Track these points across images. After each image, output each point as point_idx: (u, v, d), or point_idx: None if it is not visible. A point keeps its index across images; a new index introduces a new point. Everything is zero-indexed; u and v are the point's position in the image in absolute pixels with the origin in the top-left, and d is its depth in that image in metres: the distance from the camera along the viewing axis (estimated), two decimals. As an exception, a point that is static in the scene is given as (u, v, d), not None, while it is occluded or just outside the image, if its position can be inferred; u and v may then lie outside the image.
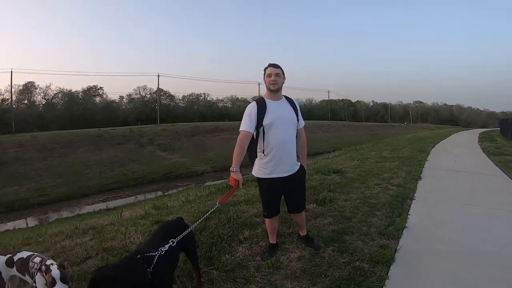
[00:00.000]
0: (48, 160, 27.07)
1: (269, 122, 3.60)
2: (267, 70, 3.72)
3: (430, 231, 4.97)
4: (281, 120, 3.66)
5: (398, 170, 9.86)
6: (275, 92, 3.74)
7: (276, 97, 3.77)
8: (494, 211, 6.08)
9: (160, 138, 37.15)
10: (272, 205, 3.83)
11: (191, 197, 7.44)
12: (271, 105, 3.67)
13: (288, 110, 3.79)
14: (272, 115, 3.62)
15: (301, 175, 3.91)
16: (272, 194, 3.80)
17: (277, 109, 3.69)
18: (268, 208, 3.87)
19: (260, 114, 3.60)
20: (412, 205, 6.28)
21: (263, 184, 3.81)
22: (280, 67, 3.75)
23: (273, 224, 4.03)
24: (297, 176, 3.83)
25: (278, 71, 3.70)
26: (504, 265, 3.88)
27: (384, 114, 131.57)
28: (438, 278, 3.56)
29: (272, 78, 3.67)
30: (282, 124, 3.66)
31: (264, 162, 3.72)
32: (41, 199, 20.76)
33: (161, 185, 24.67)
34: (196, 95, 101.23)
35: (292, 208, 4.03)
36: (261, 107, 3.63)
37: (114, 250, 4.19)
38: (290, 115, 3.77)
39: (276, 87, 3.70)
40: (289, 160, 3.76)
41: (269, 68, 3.71)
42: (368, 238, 4.53)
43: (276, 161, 3.67)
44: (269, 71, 3.70)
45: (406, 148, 17.29)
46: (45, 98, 75.74)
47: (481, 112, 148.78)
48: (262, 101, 3.70)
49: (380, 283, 3.39)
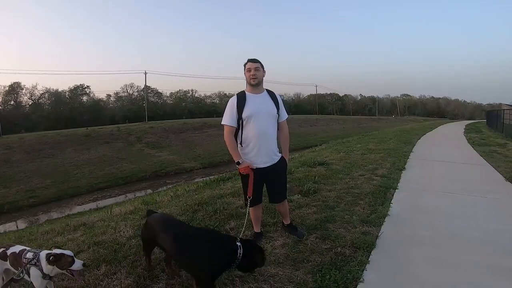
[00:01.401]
0: (36, 161, 26.84)
1: (248, 115, 3.70)
2: (246, 65, 3.82)
3: (412, 219, 5.13)
4: (259, 113, 3.76)
5: (383, 161, 10.04)
6: (255, 86, 3.83)
7: (256, 91, 3.86)
8: (477, 198, 6.26)
9: (148, 136, 36.95)
10: (254, 194, 3.85)
11: (179, 192, 7.55)
12: (250, 98, 3.77)
13: (267, 103, 3.88)
14: (251, 108, 3.72)
15: (281, 167, 4.00)
16: (255, 184, 3.82)
17: (256, 102, 3.78)
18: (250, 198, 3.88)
19: (240, 107, 3.70)
20: (395, 194, 6.45)
21: (244, 174, 3.85)
22: (259, 61, 3.86)
23: (256, 213, 4.16)
24: (277, 168, 3.93)
25: (257, 65, 3.80)
26: (485, 249, 4.04)
27: (372, 108, 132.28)
28: (418, 262, 3.71)
29: (252, 72, 3.77)
30: (260, 116, 3.76)
31: (244, 154, 3.82)
32: (30, 201, 20.57)
33: (150, 183, 24.61)
34: (183, 92, 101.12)
35: (273, 198, 4.13)
36: (240, 100, 3.74)
37: (105, 244, 4.29)
38: (269, 108, 3.86)
39: (256, 81, 3.79)
40: (268, 152, 3.85)
41: (248, 63, 3.82)
42: (351, 225, 4.68)
43: (255, 152, 3.79)
44: (249, 66, 3.80)
45: (392, 140, 17.50)
46: (31, 98, 75.07)
47: (468, 104, 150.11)
48: (242, 94, 3.81)
49: (360, 267, 3.52)
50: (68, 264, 2.72)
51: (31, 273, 2.75)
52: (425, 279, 3.35)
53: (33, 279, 2.75)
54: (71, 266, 2.73)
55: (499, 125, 24.97)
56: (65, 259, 2.72)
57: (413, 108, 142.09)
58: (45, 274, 2.75)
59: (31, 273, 2.75)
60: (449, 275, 3.42)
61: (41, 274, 2.74)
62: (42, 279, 2.75)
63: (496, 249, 4.03)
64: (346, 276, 3.30)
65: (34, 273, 2.74)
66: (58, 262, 2.72)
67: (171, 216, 4.02)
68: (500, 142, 16.58)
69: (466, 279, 3.34)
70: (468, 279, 3.35)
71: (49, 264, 2.71)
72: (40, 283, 2.75)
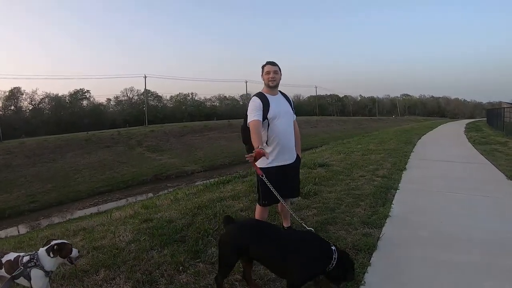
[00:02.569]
0: (37, 166, 26.87)
1: (273, 115, 3.84)
2: (265, 67, 3.95)
3: (413, 219, 5.10)
4: (282, 113, 3.93)
5: (383, 162, 10.02)
6: (273, 88, 3.98)
7: (274, 92, 4.01)
8: (478, 198, 6.23)
9: (149, 139, 36.96)
10: (273, 193, 3.81)
11: (179, 196, 7.52)
12: (272, 100, 3.90)
13: (285, 104, 4.08)
14: (275, 109, 3.87)
15: (298, 163, 4.20)
16: (273, 182, 3.80)
17: (277, 103, 3.94)
18: (268, 197, 3.91)
19: (265, 108, 3.80)
20: (396, 194, 6.43)
21: (265, 173, 3.77)
22: (277, 64, 4.00)
23: (264, 214, 4.20)
24: (297, 164, 4.12)
25: (276, 68, 3.95)
26: (485, 249, 4.02)
27: (372, 108, 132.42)
28: (420, 263, 3.68)
29: (271, 75, 3.91)
30: (283, 117, 3.94)
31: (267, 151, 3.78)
32: (31, 206, 20.57)
33: (151, 187, 24.62)
34: (183, 95, 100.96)
35: (291, 194, 4.22)
36: (264, 101, 3.83)
37: (104, 248, 4.26)
38: (288, 109, 4.08)
39: (274, 84, 3.95)
40: (290, 150, 4.04)
41: (267, 66, 3.95)
42: (351, 227, 4.66)
43: (279, 150, 3.91)
44: (268, 68, 3.93)
45: (393, 140, 17.52)
46: (31, 103, 75.09)
47: (468, 103, 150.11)
48: (263, 95, 3.89)
49: (362, 269, 3.49)
50: (70, 251, 2.89)
51: (33, 275, 2.74)
52: (426, 280, 3.32)
53: (34, 281, 2.74)
54: (71, 253, 2.90)
55: (499, 123, 24.95)
56: (67, 247, 2.90)
57: (413, 108, 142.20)
58: (47, 271, 2.79)
59: (33, 275, 2.74)
60: (450, 276, 3.39)
61: (44, 273, 2.77)
62: (44, 278, 2.78)
63: (497, 249, 4.00)
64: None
65: (36, 274, 2.74)
66: (62, 251, 2.85)
67: (257, 220, 3.92)
68: (501, 140, 16.58)
69: (467, 280, 3.32)
70: (469, 280, 3.33)
71: (53, 254, 2.80)
72: (43, 283, 2.78)
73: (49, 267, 2.80)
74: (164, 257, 3.84)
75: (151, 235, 4.56)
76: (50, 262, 2.80)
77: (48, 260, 2.79)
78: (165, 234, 4.51)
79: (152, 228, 4.82)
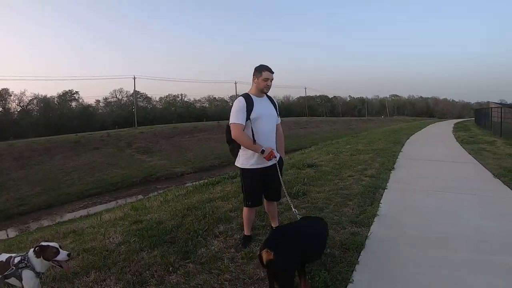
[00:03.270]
0: (26, 169, 26.64)
1: (255, 117, 3.86)
2: (264, 73, 3.91)
3: (401, 218, 5.15)
4: (265, 115, 3.96)
5: (372, 162, 10.08)
6: (263, 93, 4.03)
7: (260, 95, 4.04)
8: (466, 196, 6.30)
9: (138, 141, 36.83)
10: (257, 194, 4.08)
11: (169, 197, 7.55)
12: (257, 101, 3.93)
13: (270, 107, 4.11)
14: (258, 110, 3.90)
15: (281, 165, 4.17)
16: (257, 183, 4.03)
17: (261, 105, 3.98)
18: (252, 198, 4.08)
19: (249, 109, 3.84)
20: (384, 194, 6.48)
21: (248, 174, 4.02)
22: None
23: (251, 215, 4.25)
24: (276, 167, 4.07)
25: (273, 76, 3.98)
26: (472, 246, 4.08)
27: (361, 108, 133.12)
28: (407, 261, 3.73)
29: (269, 83, 3.95)
30: (265, 118, 3.96)
31: (249, 154, 3.93)
32: (20, 209, 20.39)
33: (141, 189, 24.51)
34: (173, 96, 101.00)
35: (272, 196, 4.25)
36: (248, 102, 3.87)
37: (94, 250, 4.28)
38: (272, 111, 4.11)
39: (268, 91, 4.03)
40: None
41: (267, 72, 3.92)
42: (340, 226, 4.70)
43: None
44: (267, 75, 3.92)
45: (381, 140, 17.60)
46: (20, 105, 74.37)
47: (457, 103, 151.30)
48: (248, 96, 3.93)
49: (350, 268, 3.53)
50: (53, 254, 2.85)
51: (24, 276, 2.77)
52: (414, 278, 3.37)
53: (25, 282, 2.78)
54: (56, 256, 2.86)
55: (487, 123, 25.19)
56: (50, 250, 2.85)
57: (402, 108, 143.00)
58: (38, 272, 2.83)
59: (24, 276, 2.77)
60: (438, 273, 3.44)
61: (34, 274, 2.81)
62: (35, 278, 2.82)
63: (484, 246, 4.07)
64: (336, 277, 3.31)
65: (27, 275, 2.78)
66: (44, 253, 2.84)
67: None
68: (488, 139, 16.74)
69: (454, 277, 3.37)
70: (456, 277, 3.38)
71: (36, 256, 2.83)
72: (33, 283, 2.80)
73: (38, 268, 2.83)
74: (154, 258, 3.85)
75: (141, 236, 4.57)
76: (38, 264, 2.83)
77: (36, 262, 2.82)
78: (155, 236, 4.52)
79: (142, 230, 4.84)
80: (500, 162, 9.58)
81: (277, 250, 2.78)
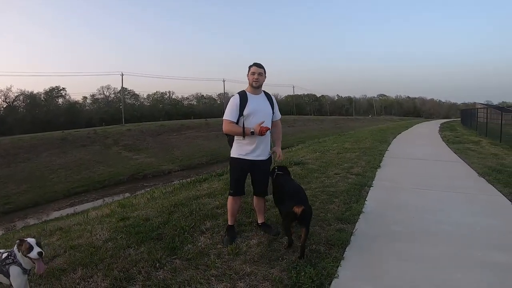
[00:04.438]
0: (12, 166, 26.30)
1: (248, 113, 4.07)
2: (251, 68, 4.16)
3: (386, 215, 5.24)
4: (258, 111, 4.13)
5: (358, 160, 10.18)
6: (256, 88, 4.20)
7: (256, 92, 4.23)
8: (451, 194, 6.45)
9: (126, 138, 36.59)
10: (239, 184, 4.29)
11: (156, 194, 7.55)
12: (251, 98, 4.15)
13: (265, 104, 4.27)
14: (251, 107, 4.09)
15: (269, 162, 4.37)
16: (242, 173, 4.28)
17: (256, 102, 4.16)
18: (235, 186, 4.29)
19: (242, 105, 4.05)
20: (370, 191, 6.58)
21: (236, 163, 4.26)
22: (263, 67, 4.22)
23: (234, 204, 4.37)
24: (267, 164, 4.32)
25: (261, 70, 4.17)
26: (457, 242, 4.20)
27: (349, 108, 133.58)
28: (392, 257, 3.81)
29: (256, 76, 4.12)
30: (259, 115, 4.11)
31: (242, 144, 4.16)
32: (6, 207, 20.03)
33: (128, 186, 24.36)
34: (161, 94, 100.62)
35: (258, 191, 4.38)
36: (243, 99, 4.09)
37: (81, 247, 4.27)
38: (267, 108, 4.27)
39: (257, 84, 4.17)
40: (262, 147, 4.22)
41: (253, 67, 4.16)
42: (325, 223, 4.77)
43: (253, 146, 4.13)
44: (254, 69, 4.15)
45: (368, 139, 17.73)
46: (6, 101, 73.18)
47: (443, 103, 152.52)
48: (244, 94, 4.16)
49: (335, 263, 3.59)
50: (27, 250, 2.79)
51: (11, 272, 2.78)
52: (398, 273, 3.43)
53: (13, 278, 2.78)
54: (29, 253, 2.79)
55: (473, 123, 25.54)
56: (25, 245, 2.79)
57: (389, 108, 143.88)
58: (25, 269, 2.82)
59: (11, 272, 2.78)
60: (422, 269, 3.51)
61: (22, 270, 2.81)
62: (22, 275, 2.82)
63: (467, 242, 4.17)
64: (321, 273, 3.35)
65: (14, 271, 2.78)
66: (19, 247, 2.82)
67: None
68: (474, 139, 16.99)
69: (438, 272, 3.44)
70: (440, 272, 3.45)
71: (17, 250, 2.83)
72: (21, 280, 2.81)
73: (25, 264, 2.82)
74: (141, 255, 3.88)
75: (127, 233, 4.58)
76: (23, 260, 2.82)
77: (21, 257, 2.81)
78: (141, 232, 4.54)
79: (128, 227, 4.85)
80: (485, 162, 9.74)
81: (306, 203, 3.76)
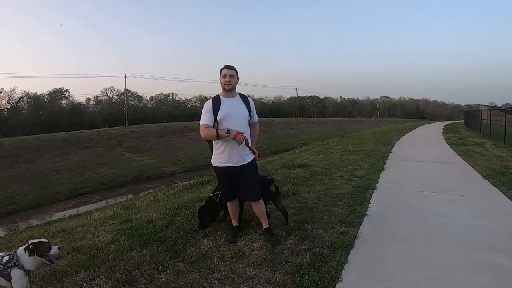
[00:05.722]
0: (15, 167, 26.29)
1: (221, 117, 3.96)
2: (223, 71, 4.05)
3: (390, 218, 5.21)
4: (232, 114, 4.01)
5: (362, 162, 10.14)
6: (229, 91, 4.10)
7: (230, 95, 4.13)
8: (455, 197, 6.39)
9: (129, 140, 36.57)
10: (227, 191, 4.30)
11: (159, 196, 7.53)
12: (224, 102, 4.03)
13: (240, 106, 4.14)
14: (225, 111, 3.98)
15: (253, 167, 4.23)
16: (227, 180, 4.23)
17: (229, 105, 4.04)
18: (224, 193, 4.37)
19: (215, 110, 3.94)
20: (373, 194, 6.55)
21: (219, 172, 4.24)
22: (235, 68, 4.12)
23: (231, 207, 4.39)
24: (249, 167, 4.15)
25: (233, 72, 4.07)
26: (461, 245, 4.16)
27: (352, 110, 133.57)
28: (396, 260, 3.77)
29: (227, 79, 4.02)
30: (233, 118, 4.00)
31: (218, 152, 4.10)
32: (9, 208, 20.05)
33: (131, 188, 24.36)
34: (164, 96, 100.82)
35: (245, 196, 4.31)
36: (216, 103, 3.98)
37: (84, 249, 4.26)
38: (241, 111, 4.12)
39: (230, 87, 4.06)
40: (239, 152, 4.05)
41: (224, 69, 4.05)
42: (329, 226, 4.73)
43: (228, 151, 4.03)
44: (225, 72, 4.04)
45: (371, 141, 17.68)
46: (9, 102, 73.36)
47: (447, 105, 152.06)
48: (217, 98, 4.06)
49: (339, 267, 3.56)
50: (47, 250, 2.88)
51: (13, 275, 2.76)
52: (402, 277, 3.41)
53: (15, 281, 2.76)
54: (49, 252, 2.89)
55: (477, 125, 25.50)
56: (44, 245, 2.89)
57: (392, 109, 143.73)
58: (27, 270, 2.83)
59: (13, 275, 2.76)
60: (426, 272, 3.48)
61: (24, 273, 2.80)
62: (24, 277, 2.81)
63: (471, 245, 4.13)
64: (325, 276, 3.33)
65: (16, 274, 2.77)
66: (38, 249, 2.85)
67: None
68: (478, 141, 16.94)
69: (442, 275, 3.41)
70: (444, 275, 3.42)
71: (29, 253, 2.82)
72: (23, 282, 2.80)
73: (28, 266, 2.82)
74: (144, 257, 3.86)
75: (130, 235, 4.57)
76: (28, 262, 2.82)
77: (27, 260, 2.81)
78: (144, 234, 4.53)
79: (131, 229, 4.84)
80: (489, 164, 9.69)
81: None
